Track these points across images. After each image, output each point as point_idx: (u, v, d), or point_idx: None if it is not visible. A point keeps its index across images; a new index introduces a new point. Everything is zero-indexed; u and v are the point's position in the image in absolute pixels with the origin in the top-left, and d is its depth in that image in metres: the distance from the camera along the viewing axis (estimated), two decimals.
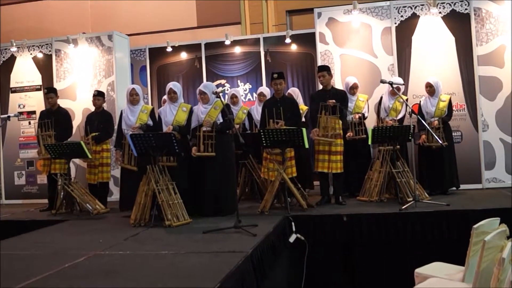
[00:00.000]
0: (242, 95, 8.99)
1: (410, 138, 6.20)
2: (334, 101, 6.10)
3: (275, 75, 6.29)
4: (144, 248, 4.18)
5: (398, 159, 6.33)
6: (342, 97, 6.39)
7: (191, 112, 6.04)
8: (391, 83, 5.75)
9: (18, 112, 8.25)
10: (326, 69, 6.48)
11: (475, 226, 2.80)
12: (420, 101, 6.89)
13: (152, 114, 6.29)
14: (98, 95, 7.18)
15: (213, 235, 4.55)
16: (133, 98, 6.22)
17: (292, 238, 5.36)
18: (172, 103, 6.08)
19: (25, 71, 8.73)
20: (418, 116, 6.26)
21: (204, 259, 3.65)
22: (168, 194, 5.24)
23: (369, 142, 6.42)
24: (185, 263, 3.59)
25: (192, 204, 5.80)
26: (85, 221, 5.99)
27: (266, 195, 5.85)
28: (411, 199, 5.74)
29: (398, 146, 6.26)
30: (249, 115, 7.31)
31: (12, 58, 8.79)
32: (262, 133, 5.70)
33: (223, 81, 9.43)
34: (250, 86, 9.27)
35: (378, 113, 7.16)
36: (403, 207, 5.46)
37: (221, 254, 3.76)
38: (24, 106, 8.64)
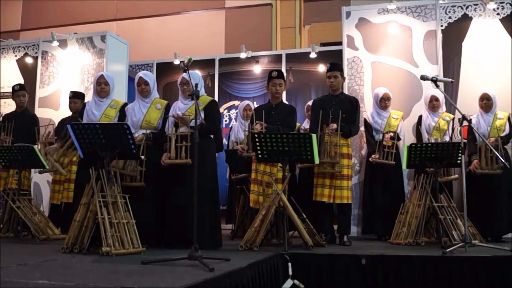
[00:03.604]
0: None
1: (459, 160, 4.59)
2: (335, 126, 4.68)
3: (275, 73, 4.91)
4: (30, 276, 2.63)
5: (442, 191, 4.76)
6: (353, 106, 4.96)
7: (167, 110, 4.61)
8: (435, 80, 4.20)
9: None
10: (339, 68, 5.04)
11: None
12: (470, 120, 5.23)
13: (122, 111, 4.73)
14: (75, 97, 5.89)
15: (153, 267, 3.01)
16: (101, 89, 4.70)
17: (286, 285, 3.80)
18: (143, 98, 4.63)
19: (7, 76, 7.54)
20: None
21: None
22: (115, 210, 3.75)
23: (404, 166, 4.86)
24: None
25: (158, 233, 4.36)
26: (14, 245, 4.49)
27: (256, 223, 4.24)
28: (459, 241, 4.11)
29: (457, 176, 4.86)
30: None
31: None
32: (257, 138, 4.23)
33: (236, 103, 8.13)
34: None
35: (418, 135, 5.58)
36: (449, 249, 3.81)
37: None
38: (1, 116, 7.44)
